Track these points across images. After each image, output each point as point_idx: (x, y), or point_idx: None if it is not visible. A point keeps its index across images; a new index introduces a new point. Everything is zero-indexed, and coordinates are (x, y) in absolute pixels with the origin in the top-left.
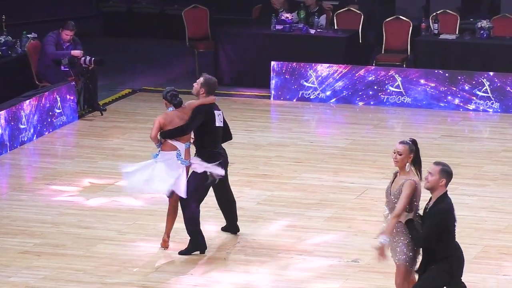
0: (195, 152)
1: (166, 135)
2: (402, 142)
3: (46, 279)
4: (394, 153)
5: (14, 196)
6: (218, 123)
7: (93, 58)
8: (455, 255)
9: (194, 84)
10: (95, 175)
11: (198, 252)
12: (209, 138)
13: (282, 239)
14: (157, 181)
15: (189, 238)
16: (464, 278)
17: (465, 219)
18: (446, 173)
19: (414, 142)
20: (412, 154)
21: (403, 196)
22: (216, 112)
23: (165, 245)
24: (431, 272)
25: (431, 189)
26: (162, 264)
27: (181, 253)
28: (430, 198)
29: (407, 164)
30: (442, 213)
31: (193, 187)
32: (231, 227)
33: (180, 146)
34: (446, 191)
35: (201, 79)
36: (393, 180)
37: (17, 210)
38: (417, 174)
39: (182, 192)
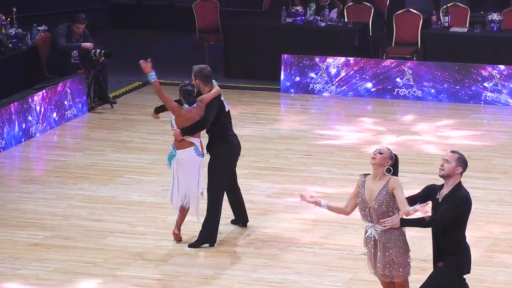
0: (208, 138)
1: (188, 131)
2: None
3: (56, 271)
4: (374, 152)
5: (24, 189)
6: (227, 107)
7: (102, 51)
8: (465, 249)
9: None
10: (105, 168)
11: (207, 245)
12: (221, 123)
13: (292, 232)
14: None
15: (200, 229)
16: (473, 272)
17: (475, 212)
18: (463, 162)
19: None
20: (390, 161)
21: (402, 195)
22: (222, 97)
23: (177, 237)
24: (440, 269)
25: (447, 176)
26: (172, 257)
27: (190, 245)
28: (440, 188)
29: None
30: (462, 198)
31: (216, 177)
32: (241, 218)
33: (196, 140)
34: (461, 181)
35: (192, 74)
36: (363, 190)
37: (27, 203)
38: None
39: (200, 186)
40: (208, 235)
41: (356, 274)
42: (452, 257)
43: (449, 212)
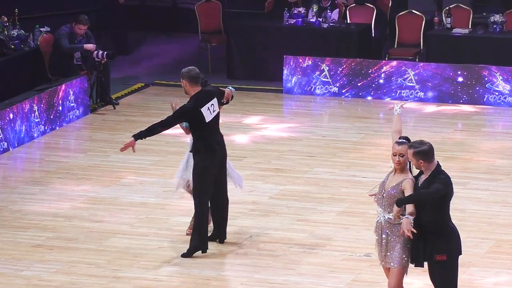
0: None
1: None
2: (399, 143)
3: (59, 272)
4: (395, 155)
5: (26, 190)
6: (209, 117)
7: (105, 52)
8: (454, 231)
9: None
10: (107, 169)
11: (200, 252)
12: (201, 133)
13: (294, 233)
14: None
15: (190, 238)
16: (476, 273)
17: (477, 213)
18: (421, 153)
19: (407, 139)
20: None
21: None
22: (206, 106)
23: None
24: (443, 262)
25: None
26: (174, 258)
27: (183, 255)
28: (419, 174)
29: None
30: (447, 180)
31: (198, 182)
32: (219, 232)
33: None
34: (438, 163)
35: (181, 74)
36: (387, 176)
37: (29, 204)
38: (410, 170)
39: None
40: (198, 243)
41: (358, 276)
42: (446, 244)
43: (437, 190)
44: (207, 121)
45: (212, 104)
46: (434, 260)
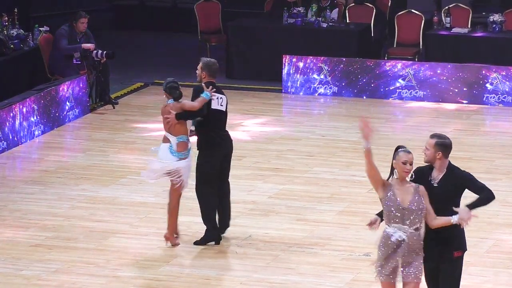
0: (197, 138)
1: (182, 116)
2: (408, 151)
3: (58, 272)
4: (406, 164)
5: (26, 189)
6: (216, 105)
7: (104, 52)
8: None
9: (196, 71)
10: (107, 169)
11: (213, 243)
12: (208, 125)
13: (294, 233)
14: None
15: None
16: (476, 272)
17: (477, 212)
18: (442, 145)
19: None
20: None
21: (427, 202)
22: (217, 95)
23: (173, 242)
24: (457, 260)
25: (429, 162)
26: (174, 258)
27: (196, 243)
28: (429, 171)
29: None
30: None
31: (200, 175)
32: (221, 222)
33: (172, 139)
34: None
35: (200, 64)
36: (394, 194)
37: (29, 203)
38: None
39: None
40: (210, 234)
41: (358, 275)
42: (461, 239)
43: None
44: (212, 107)
45: (221, 98)
46: (452, 258)
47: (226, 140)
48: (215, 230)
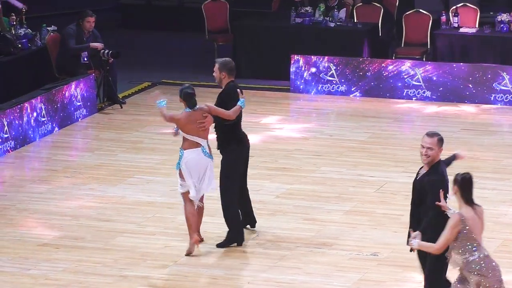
0: (218, 138)
1: (219, 112)
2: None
3: (65, 271)
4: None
5: (33, 189)
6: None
7: (110, 51)
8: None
9: (213, 74)
10: (115, 168)
11: (235, 244)
12: (233, 124)
13: (301, 232)
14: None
15: (228, 229)
16: None
17: (484, 212)
18: (441, 141)
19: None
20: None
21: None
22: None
23: (197, 242)
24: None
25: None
26: (181, 257)
27: (219, 245)
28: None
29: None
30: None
31: (227, 175)
32: (248, 219)
33: (203, 142)
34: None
35: (216, 65)
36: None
37: (36, 203)
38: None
39: (212, 187)
40: (233, 235)
41: (365, 275)
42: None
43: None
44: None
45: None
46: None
47: (246, 137)
48: (236, 231)
